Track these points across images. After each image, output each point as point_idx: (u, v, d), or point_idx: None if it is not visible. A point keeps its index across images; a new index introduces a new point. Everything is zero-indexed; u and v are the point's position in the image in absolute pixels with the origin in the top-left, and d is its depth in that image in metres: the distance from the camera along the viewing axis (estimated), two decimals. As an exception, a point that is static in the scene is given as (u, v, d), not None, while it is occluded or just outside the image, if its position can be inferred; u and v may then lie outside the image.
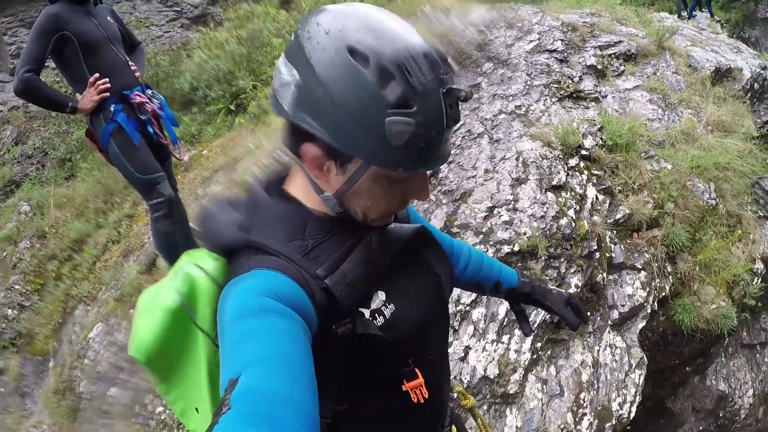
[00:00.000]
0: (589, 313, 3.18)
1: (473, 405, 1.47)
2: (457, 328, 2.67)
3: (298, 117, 0.78)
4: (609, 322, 3.25)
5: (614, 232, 3.48)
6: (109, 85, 2.79)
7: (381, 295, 0.92)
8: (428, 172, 0.89)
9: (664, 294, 3.58)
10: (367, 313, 0.89)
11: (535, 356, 2.83)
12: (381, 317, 0.90)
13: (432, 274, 1.05)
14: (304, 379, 0.67)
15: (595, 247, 3.21)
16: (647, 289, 3.44)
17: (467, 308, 2.71)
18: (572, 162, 3.49)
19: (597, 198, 3.45)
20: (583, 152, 3.59)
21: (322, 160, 0.82)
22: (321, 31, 0.77)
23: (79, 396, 3.71)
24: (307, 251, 0.85)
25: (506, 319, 2.79)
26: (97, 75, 2.78)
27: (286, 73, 0.80)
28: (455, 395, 1.37)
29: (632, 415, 3.10)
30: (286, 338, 0.70)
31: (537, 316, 2.88)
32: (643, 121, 4.16)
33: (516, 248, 2.90)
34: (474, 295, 2.75)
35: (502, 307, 2.80)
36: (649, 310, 3.42)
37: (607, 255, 3.36)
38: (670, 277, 3.69)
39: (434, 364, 1.06)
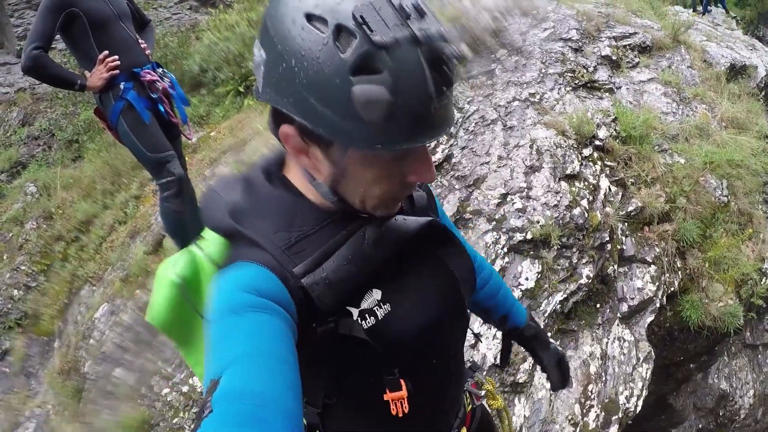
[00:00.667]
0: (598, 305, 3.16)
1: (501, 407, 1.41)
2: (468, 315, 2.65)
3: (268, 96, 0.73)
4: (618, 314, 3.23)
5: (626, 224, 3.45)
6: (118, 62, 2.76)
7: (376, 294, 0.86)
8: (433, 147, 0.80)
9: (672, 289, 3.55)
10: (355, 313, 0.84)
11: (544, 346, 2.81)
12: (372, 318, 0.84)
13: (444, 272, 0.97)
14: (286, 376, 0.64)
15: (607, 239, 3.18)
16: (657, 284, 3.41)
17: (478, 296, 2.69)
18: (586, 152, 3.45)
19: (610, 189, 3.42)
20: (597, 143, 3.55)
21: (302, 144, 0.76)
22: (281, 2, 0.69)
23: (84, 376, 3.71)
24: (289, 245, 0.80)
25: (517, 308, 2.77)
26: (106, 52, 2.74)
27: (257, 54, 0.74)
28: (483, 393, 1.32)
29: (638, 409, 3.09)
30: (267, 334, 0.67)
31: (548, 306, 2.86)
32: (657, 114, 4.12)
33: (529, 236, 2.88)
34: (485, 283, 2.73)
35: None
36: (657, 305, 3.40)
37: (619, 247, 3.33)
38: (680, 272, 3.66)
39: (439, 369, 1.00)
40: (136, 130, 2.84)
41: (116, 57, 2.76)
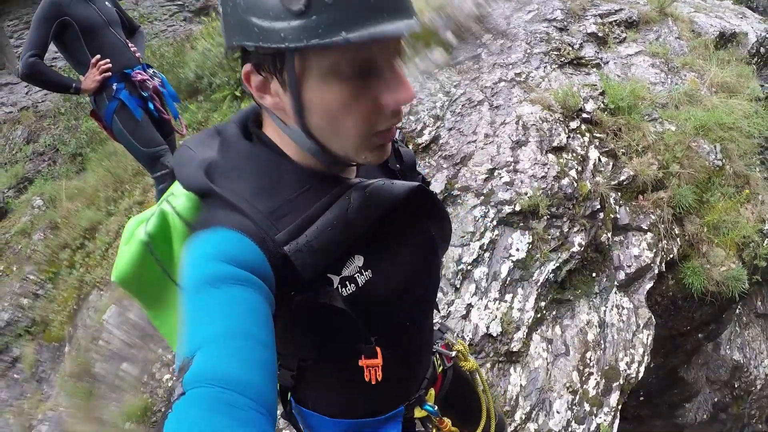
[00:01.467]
0: (594, 274, 3.17)
1: (474, 368, 1.40)
2: (459, 286, 2.68)
3: (227, 41, 0.74)
4: (615, 282, 3.23)
5: (619, 194, 3.46)
6: (110, 65, 2.89)
7: (358, 260, 0.84)
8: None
9: (672, 256, 3.54)
10: (336, 280, 0.82)
11: (539, 315, 2.83)
12: (352, 285, 0.83)
13: (426, 237, 0.98)
14: (261, 358, 0.61)
15: (598, 207, 3.19)
16: (654, 250, 3.41)
17: (469, 267, 2.72)
18: (573, 125, 3.47)
19: (600, 160, 3.43)
20: (585, 115, 3.56)
21: (261, 80, 0.75)
22: None
23: (95, 377, 3.79)
24: (272, 210, 0.76)
25: (509, 279, 2.79)
26: (98, 56, 2.89)
27: (220, 23, 0.81)
28: (453, 354, 1.32)
29: (640, 375, 3.08)
30: (243, 311, 0.64)
31: (540, 275, 2.88)
32: (646, 85, 4.11)
33: (517, 208, 2.91)
34: (475, 255, 2.76)
35: (505, 267, 2.81)
36: (656, 271, 3.39)
37: (612, 216, 3.34)
38: (678, 239, 3.65)
39: (414, 333, 1.03)
40: (129, 128, 2.97)
41: (108, 60, 2.88)
